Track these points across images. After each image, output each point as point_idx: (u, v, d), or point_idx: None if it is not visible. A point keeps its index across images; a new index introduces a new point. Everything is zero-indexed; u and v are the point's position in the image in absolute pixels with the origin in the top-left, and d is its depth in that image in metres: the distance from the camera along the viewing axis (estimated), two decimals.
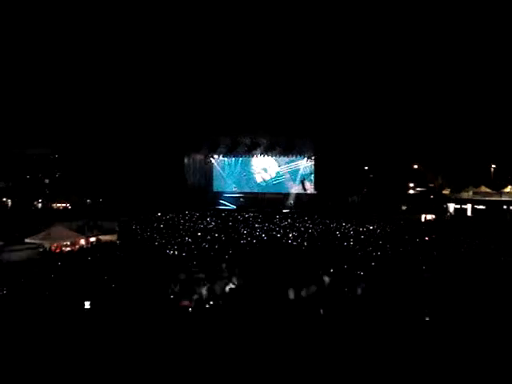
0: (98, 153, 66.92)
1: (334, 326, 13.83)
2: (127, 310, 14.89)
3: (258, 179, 74.38)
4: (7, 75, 61.32)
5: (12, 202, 63.20)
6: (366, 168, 65.86)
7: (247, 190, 73.82)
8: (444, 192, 59.28)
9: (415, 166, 63.06)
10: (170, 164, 67.94)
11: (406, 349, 11.96)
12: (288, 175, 72.52)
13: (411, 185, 63.27)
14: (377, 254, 27.47)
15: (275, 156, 71.97)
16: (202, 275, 17.60)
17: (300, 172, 70.96)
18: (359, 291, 15.65)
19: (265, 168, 73.84)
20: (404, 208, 58.50)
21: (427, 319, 14.02)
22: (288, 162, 72.41)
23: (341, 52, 61.17)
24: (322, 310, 14.85)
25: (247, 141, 70.67)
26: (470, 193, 56.32)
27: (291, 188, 71.36)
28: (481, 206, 54.13)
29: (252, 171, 74.75)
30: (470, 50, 56.78)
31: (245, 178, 74.54)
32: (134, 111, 64.81)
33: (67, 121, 65.10)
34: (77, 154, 68.56)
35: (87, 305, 15.13)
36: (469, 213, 55.09)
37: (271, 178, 73.82)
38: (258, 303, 15.61)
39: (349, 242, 33.42)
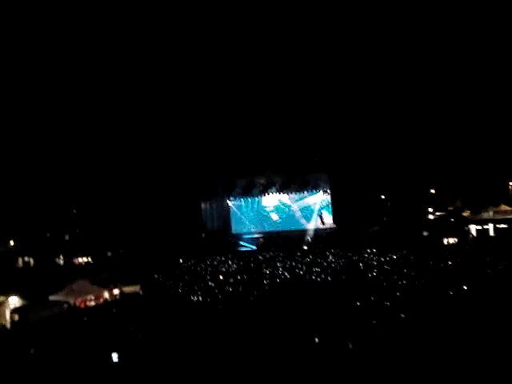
0: (115, 205, 67.49)
1: (362, 359, 13.67)
2: (155, 360, 14.83)
3: (274, 217, 74.40)
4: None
5: (34, 261, 63.56)
6: (383, 197, 65.59)
7: (265, 229, 73.72)
8: (464, 214, 58.71)
9: (432, 191, 62.68)
10: (188, 210, 68.27)
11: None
12: (299, 213, 72.62)
13: (430, 210, 62.73)
14: (402, 282, 27.15)
15: (290, 193, 72.13)
16: None
17: (315, 207, 70.96)
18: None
19: (277, 206, 74.10)
20: (425, 234, 57.88)
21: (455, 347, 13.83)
22: (297, 200, 72.72)
23: (352, 83, 61.62)
24: (350, 344, 14.72)
25: (263, 181, 71.11)
26: (491, 213, 55.69)
27: (306, 224, 71.24)
28: (502, 225, 53.44)
29: (266, 210, 74.83)
30: (488, 72, 56.78)
31: (259, 218, 74.65)
32: (148, 160, 65.55)
33: (82, 176, 66.04)
34: (94, 208, 69.23)
35: (115, 357, 15.08)
36: (491, 233, 54.37)
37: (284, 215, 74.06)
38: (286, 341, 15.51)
39: (372, 273, 33.13)
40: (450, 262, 35.04)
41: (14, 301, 28.02)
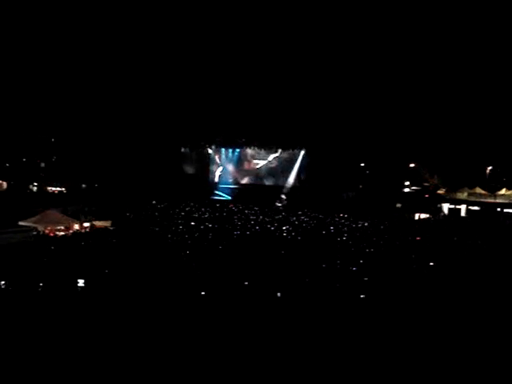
0: (95, 139, 66.80)
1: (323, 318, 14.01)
2: (119, 295, 14.96)
3: (253, 170, 74.38)
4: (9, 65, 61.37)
5: (7, 185, 62.91)
6: (363, 164, 65.93)
7: (243, 181, 73.81)
8: (439, 192, 59.32)
9: (411, 165, 63.13)
10: (167, 152, 67.99)
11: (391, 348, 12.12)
12: (279, 168, 72.68)
13: (407, 183, 63.32)
14: (369, 250, 27.57)
15: (270, 150, 72.03)
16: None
17: (295, 164, 70.98)
18: None
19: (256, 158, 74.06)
20: (398, 206, 58.51)
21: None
22: (277, 156, 72.73)
23: (338, 50, 61.42)
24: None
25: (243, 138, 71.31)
26: (465, 194, 56.36)
27: (284, 180, 71.33)
28: (475, 207, 54.21)
29: (246, 163, 74.80)
30: (468, 50, 56.92)
31: (238, 169, 74.63)
32: (134, 100, 64.88)
33: (66, 107, 65.18)
34: (74, 139, 68.38)
35: (81, 283, 15.19)
36: (463, 213, 55.17)
37: (261, 167, 74.18)
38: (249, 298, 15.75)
39: (342, 237, 33.55)
40: (418, 237, 35.55)
41: None
